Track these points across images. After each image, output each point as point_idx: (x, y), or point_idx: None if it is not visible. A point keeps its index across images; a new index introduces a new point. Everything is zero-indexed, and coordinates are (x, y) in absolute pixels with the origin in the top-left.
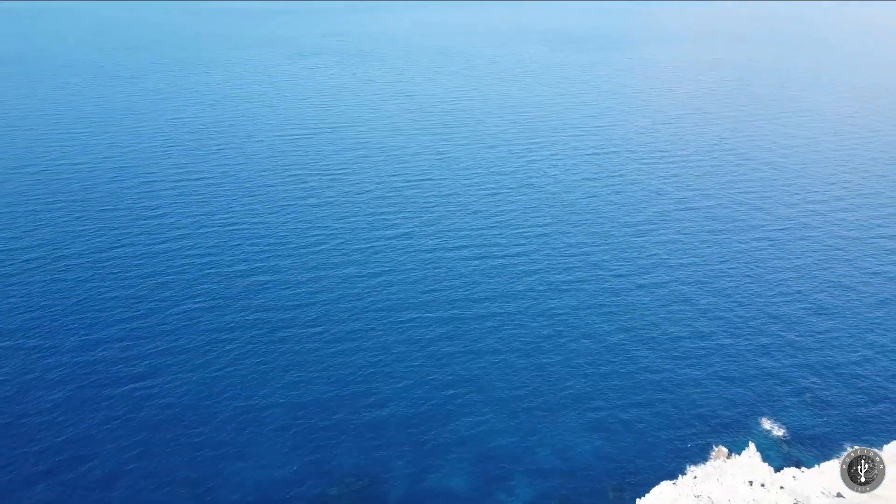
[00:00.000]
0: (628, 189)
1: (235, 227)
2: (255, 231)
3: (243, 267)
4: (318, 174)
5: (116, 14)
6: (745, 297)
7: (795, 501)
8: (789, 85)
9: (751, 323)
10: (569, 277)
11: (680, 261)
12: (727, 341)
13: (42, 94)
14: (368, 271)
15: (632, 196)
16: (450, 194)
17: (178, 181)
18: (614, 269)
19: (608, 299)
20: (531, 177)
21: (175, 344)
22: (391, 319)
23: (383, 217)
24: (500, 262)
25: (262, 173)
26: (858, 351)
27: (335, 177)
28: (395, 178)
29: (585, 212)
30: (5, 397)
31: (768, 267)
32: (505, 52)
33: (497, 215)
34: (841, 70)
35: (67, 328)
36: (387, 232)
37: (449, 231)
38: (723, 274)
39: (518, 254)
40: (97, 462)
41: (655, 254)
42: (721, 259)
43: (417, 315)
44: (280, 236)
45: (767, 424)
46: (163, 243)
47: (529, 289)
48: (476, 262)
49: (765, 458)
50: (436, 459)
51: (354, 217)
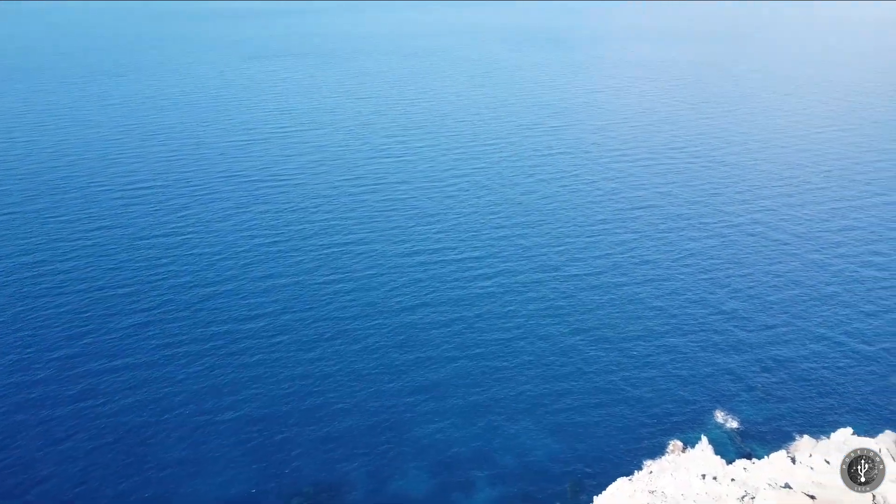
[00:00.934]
0: (583, 189)
1: (186, 236)
2: (206, 240)
3: (194, 278)
4: (272, 180)
5: (68, 16)
6: (698, 295)
7: (745, 493)
8: (741, 83)
9: (703, 320)
10: (525, 280)
11: (634, 261)
12: (681, 339)
13: None
14: (323, 279)
15: (586, 196)
16: (406, 198)
17: (127, 190)
18: (569, 271)
19: (564, 301)
20: (488, 179)
21: (123, 361)
22: (347, 328)
23: (338, 223)
24: (457, 266)
25: (215, 180)
26: (807, 345)
27: (289, 182)
28: (351, 183)
29: (541, 213)
30: None
31: (720, 264)
32: (465, 53)
33: (453, 219)
34: (791, 68)
35: (1, 346)
36: (342, 238)
37: (405, 236)
38: (676, 273)
39: (475, 257)
40: (45, 487)
41: (609, 254)
42: (674, 258)
43: (374, 322)
44: (232, 245)
45: (721, 418)
46: (108, 255)
47: (486, 293)
48: (432, 267)
49: (717, 451)
50: (395, 467)
51: (309, 223)
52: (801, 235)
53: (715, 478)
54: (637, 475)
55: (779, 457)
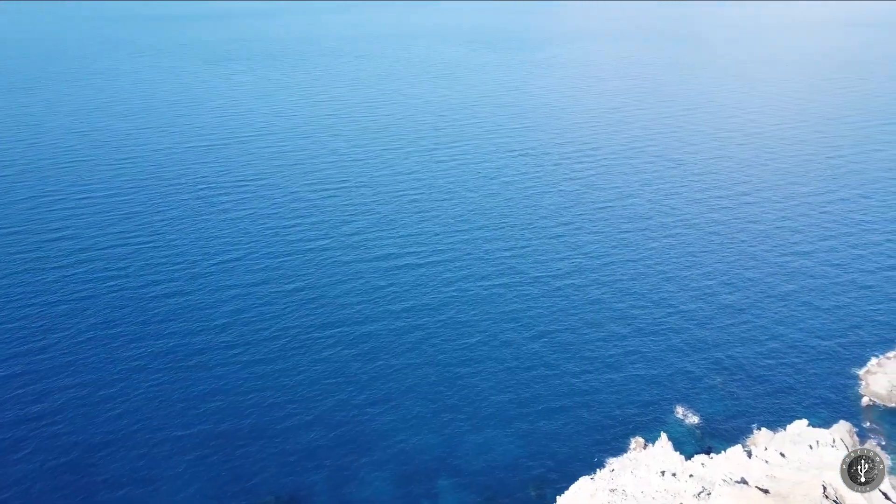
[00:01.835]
0: (545, 191)
1: (144, 246)
2: (166, 250)
3: (154, 289)
4: (231, 186)
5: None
6: (658, 296)
7: (702, 488)
8: (698, 82)
9: (664, 320)
10: (488, 284)
11: (595, 262)
12: (642, 339)
13: None
14: (285, 287)
15: (549, 198)
16: (367, 203)
17: (81, 198)
18: (532, 274)
19: (527, 304)
20: (450, 182)
21: (74, 379)
22: (308, 337)
23: (298, 229)
24: (421, 272)
25: (172, 187)
26: (765, 342)
27: (248, 188)
28: (311, 188)
29: (503, 216)
30: None
31: (679, 265)
32: (425, 54)
33: (415, 223)
34: (746, 67)
35: None
36: (301, 245)
37: (367, 242)
38: (636, 273)
39: (437, 262)
40: None
41: (571, 256)
42: (634, 259)
43: (337, 331)
44: (191, 254)
45: (681, 414)
46: (62, 267)
47: (448, 298)
48: (395, 273)
49: (678, 447)
50: (358, 477)
51: (267, 231)
52: (759, 234)
53: (674, 474)
54: (599, 473)
55: (735, 451)
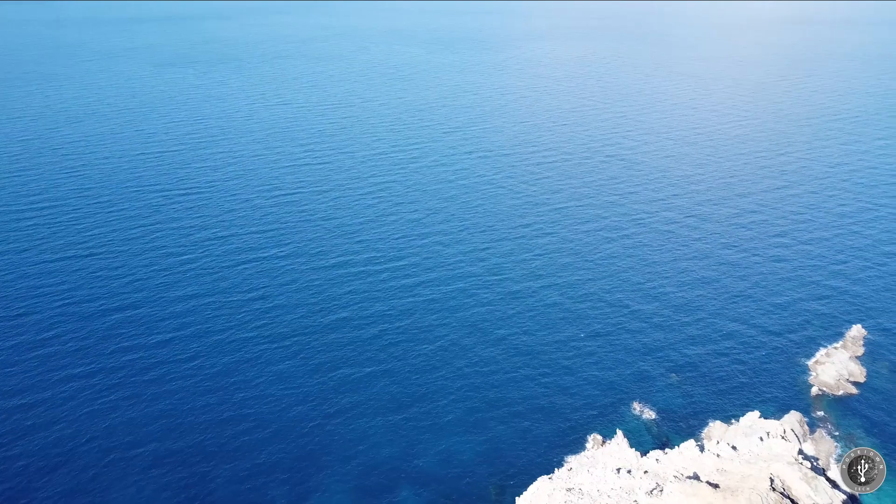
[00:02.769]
0: (502, 194)
1: (93, 257)
2: (116, 261)
3: (103, 302)
4: (183, 193)
5: None
6: (615, 297)
7: (656, 485)
8: (653, 82)
9: (621, 318)
10: (447, 289)
11: (551, 264)
12: (599, 339)
13: None
14: (242, 297)
15: (506, 201)
16: (324, 208)
17: (25, 209)
18: (490, 278)
19: (485, 308)
20: (408, 185)
21: (22, 399)
22: (266, 346)
23: (253, 237)
24: (379, 279)
25: (121, 195)
26: (718, 339)
27: (201, 195)
28: (266, 194)
29: (461, 219)
30: None
31: (635, 265)
32: (382, 56)
33: (373, 228)
34: (699, 66)
35: None
36: (257, 253)
37: (324, 249)
38: (593, 275)
39: (395, 268)
40: None
41: (528, 259)
42: (590, 260)
43: (293, 342)
44: (143, 264)
45: (638, 409)
46: (4, 282)
47: (408, 305)
48: (352, 281)
49: (635, 442)
50: (319, 487)
51: (222, 239)
52: (712, 232)
53: (629, 471)
54: (557, 473)
55: (688, 446)
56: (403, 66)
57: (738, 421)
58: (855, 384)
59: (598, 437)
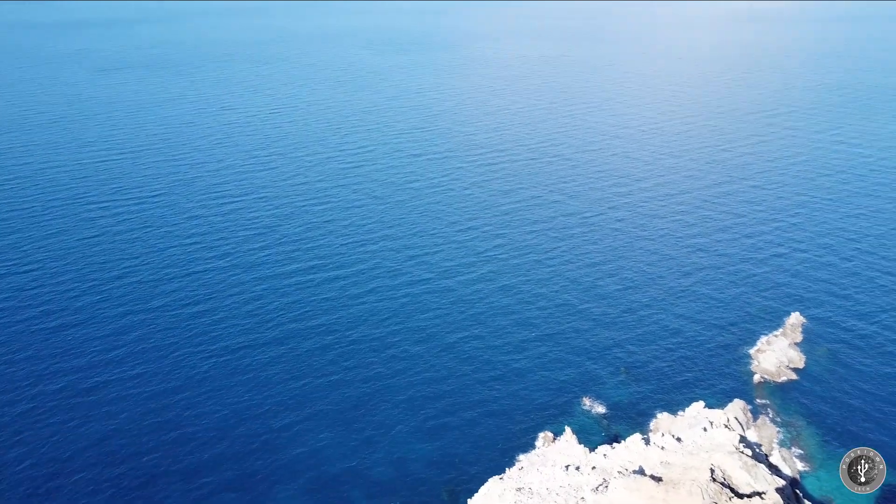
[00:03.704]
0: (450, 197)
1: (29, 270)
2: (54, 270)
3: (39, 312)
4: (123, 203)
5: None
6: (563, 299)
7: (602, 480)
8: (600, 81)
9: (569, 318)
10: (395, 294)
11: (500, 267)
12: (548, 338)
13: None
14: (182, 311)
15: (453, 205)
16: (269, 215)
17: None
18: (441, 282)
19: (435, 314)
20: (355, 189)
21: None
22: (210, 362)
23: (197, 247)
24: (329, 286)
25: (57, 207)
26: (665, 335)
27: (143, 205)
28: (209, 203)
29: (409, 224)
30: None
31: (583, 265)
32: (327, 58)
33: (321, 234)
34: (642, 64)
35: None
36: (202, 264)
37: (271, 257)
38: (542, 277)
39: (344, 276)
40: None
41: (477, 262)
42: (540, 258)
43: (240, 353)
44: (81, 273)
45: (588, 404)
46: None
47: (357, 312)
48: (300, 290)
49: (585, 438)
50: (268, 499)
51: (165, 249)
52: (658, 229)
53: (578, 468)
54: (508, 472)
55: (634, 440)
56: (350, 69)
57: (684, 412)
58: (795, 370)
59: (549, 435)
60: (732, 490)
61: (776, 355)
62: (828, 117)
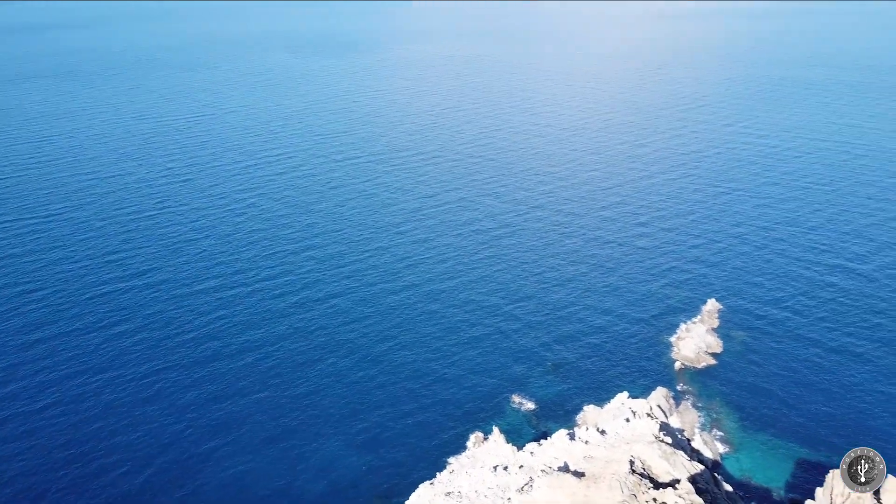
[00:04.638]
0: (374, 202)
1: None
2: None
3: None
4: (32, 219)
5: None
6: (490, 301)
7: (529, 479)
8: (521, 78)
9: (496, 320)
10: (322, 306)
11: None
12: (476, 341)
13: None
14: (99, 334)
15: (378, 210)
16: (192, 222)
17: None
18: (364, 292)
19: (362, 324)
20: (279, 193)
21: None
22: (127, 386)
23: (112, 265)
24: (253, 299)
25: None
26: (588, 331)
27: (49, 222)
28: (126, 214)
29: (334, 232)
30: None
31: (508, 265)
32: (248, 62)
33: (244, 247)
34: (564, 62)
35: None
36: (121, 283)
37: (194, 271)
38: (467, 277)
39: (266, 287)
40: None
41: (403, 268)
42: (463, 262)
43: (160, 376)
44: None
45: (517, 402)
46: None
47: (282, 325)
48: (226, 304)
49: (514, 436)
50: None
51: (81, 267)
52: (581, 226)
53: (506, 468)
54: (439, 477)
55: (560, 436)
56: (269, 73)
57: (610, 403)
58: (713, 355)
59: (480, 435)
60: (652, 480)
61: (695, 342)
62: (736, 110)
